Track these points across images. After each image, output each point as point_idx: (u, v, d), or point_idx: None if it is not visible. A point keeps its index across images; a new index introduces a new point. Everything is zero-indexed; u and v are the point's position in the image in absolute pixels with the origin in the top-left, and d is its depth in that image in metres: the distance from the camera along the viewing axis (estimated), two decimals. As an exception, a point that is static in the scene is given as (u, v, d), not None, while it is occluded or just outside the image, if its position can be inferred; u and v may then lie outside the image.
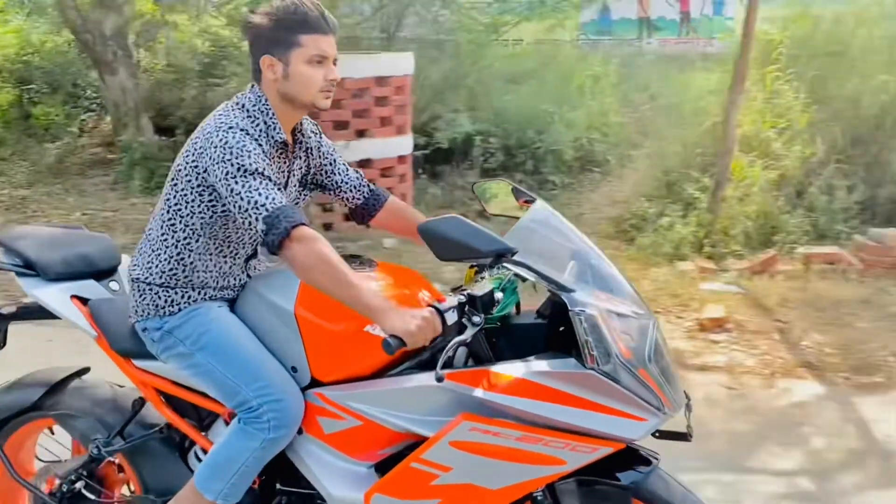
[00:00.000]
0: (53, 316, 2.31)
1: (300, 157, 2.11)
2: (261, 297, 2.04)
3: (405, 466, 1.83)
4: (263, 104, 1.97)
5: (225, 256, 2.04)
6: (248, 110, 1.96)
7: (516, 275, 1.99)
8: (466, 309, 1.78)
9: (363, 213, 2.28)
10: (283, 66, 1.93)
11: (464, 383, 1.81)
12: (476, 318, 1.77)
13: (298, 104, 1.98)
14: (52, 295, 2.19)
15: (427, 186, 7.38)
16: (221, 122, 1.89)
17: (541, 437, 1.76)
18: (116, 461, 2.34)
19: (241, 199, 1.80)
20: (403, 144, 6.72)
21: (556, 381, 1.76)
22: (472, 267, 2.10)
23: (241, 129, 1.89)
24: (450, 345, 1.73)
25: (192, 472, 2.18)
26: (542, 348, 1.90)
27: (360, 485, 1.93)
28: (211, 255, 2.02)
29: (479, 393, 1.78)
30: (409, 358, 1.94)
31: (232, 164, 1.82)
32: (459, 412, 1.78)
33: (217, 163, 1.84)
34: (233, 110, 1.95)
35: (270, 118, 1.96)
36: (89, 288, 2.25)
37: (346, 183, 2.23)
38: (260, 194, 1.80)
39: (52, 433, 2.44)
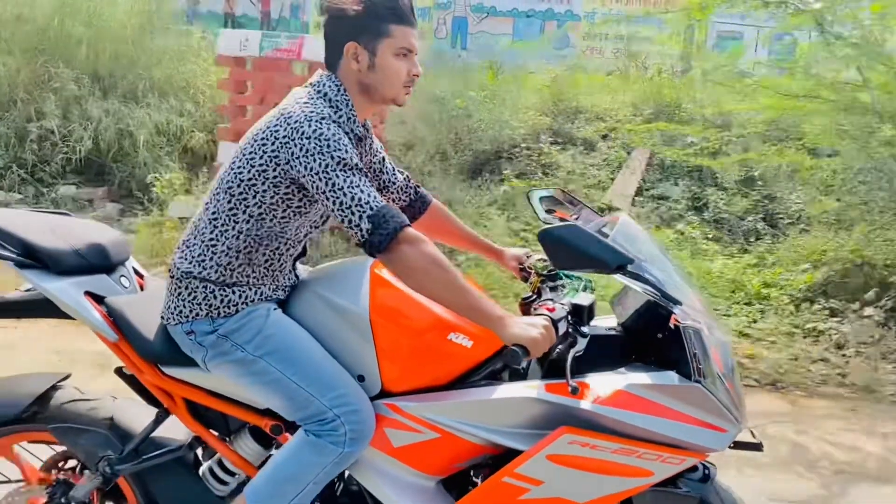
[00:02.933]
0: (40, 313, 2.02)
1: (361, 154, 1.98)
2: (324, 299, 1.88)
3: (497, 481, 1.75)
4: (343, 94, 1.82)
5: (281, 254, 1.87)
6: (330, 100, 1.81)
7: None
8: (571, 319, 1.75)
9: (407, 216, 2.17)
10: (369, 56, 1.81)
11: (563, 394, 1.76)
12: (585, 329, 1.75)
13: (378, 97, 1.85)
14: (65, 291, 1.89)
15: None
16: (311, 112, 1.73)
17: (635, 449, 1.74)
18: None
19: (344, 194, 1.66)
20: None
21: (657, 394, 1.75)
22: (538, 275, 2.06)
23: (334, 121, 1.75)
24: (570, 355, 1.68)
25: (210, 490, 1.98)
26: (614, 359, 1.89)
27: (433, 500, 1.83)
28: (269, 251, 1.84)
29: (583, 405, 1.74)
30: (476, 370, 1.87)
31: (332, 157, 1.68)
32: (556, 424, 1.73)
33: (311, 155, 1.68)
34: (316, 99, 1.79)
35: (350, 110, 1.83)
36: (101, 283, 1.97)
37: (394, 183, 2.12)
38: (362, 191, 1.67)
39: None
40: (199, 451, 2.07)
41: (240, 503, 1.83)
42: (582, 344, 1.73)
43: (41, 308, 1.98)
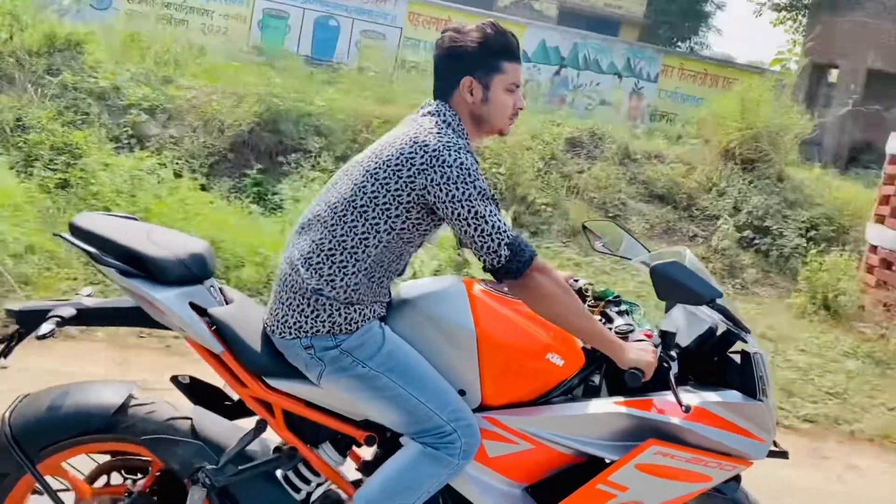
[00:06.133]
0: (129, 321, 2.00)
1: None
2: (428, 317, 1.99)
3: (591, 487, 1.95)
4: (460, 124, 1.95)
5: (393, 273, 1.96)
6: (454, 129, 1.92)
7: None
8: (661, 344, 1.99)
9: None
10: (483, 90, 1.94)
11: (644, 409, 1.99)
12: (673, 353, 1.98)
13: (487, 129, 1.99)
14: (174, 301, 1.87)
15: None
16: (448, 142, 1.84)
17: (703, 458, 2.01)
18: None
19: (486, 222, 1.79)
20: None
21: (725, 410, 2.02)
22: (599, 300, 2.28)
23: (468, 151, 1.86)
24: (672, 376, 1.91)
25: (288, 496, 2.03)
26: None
27: None
28: (388, 270, 1.93)
29: (668, 419, 1.97)
30: (558, 386, 2.06)
31: (474, 187, 1.80)
32: (640, 436, 1.96)
33: (453, 183, 1.80)
34: (445, 128, 1.89)
35: (467, 140, 1.95)
36: (201, 294, 1.96)
37: None
38: (499, 220, 1.81)
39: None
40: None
41: None
42: (675, 367, 1.97)
43: (131, 316, 1.95)
